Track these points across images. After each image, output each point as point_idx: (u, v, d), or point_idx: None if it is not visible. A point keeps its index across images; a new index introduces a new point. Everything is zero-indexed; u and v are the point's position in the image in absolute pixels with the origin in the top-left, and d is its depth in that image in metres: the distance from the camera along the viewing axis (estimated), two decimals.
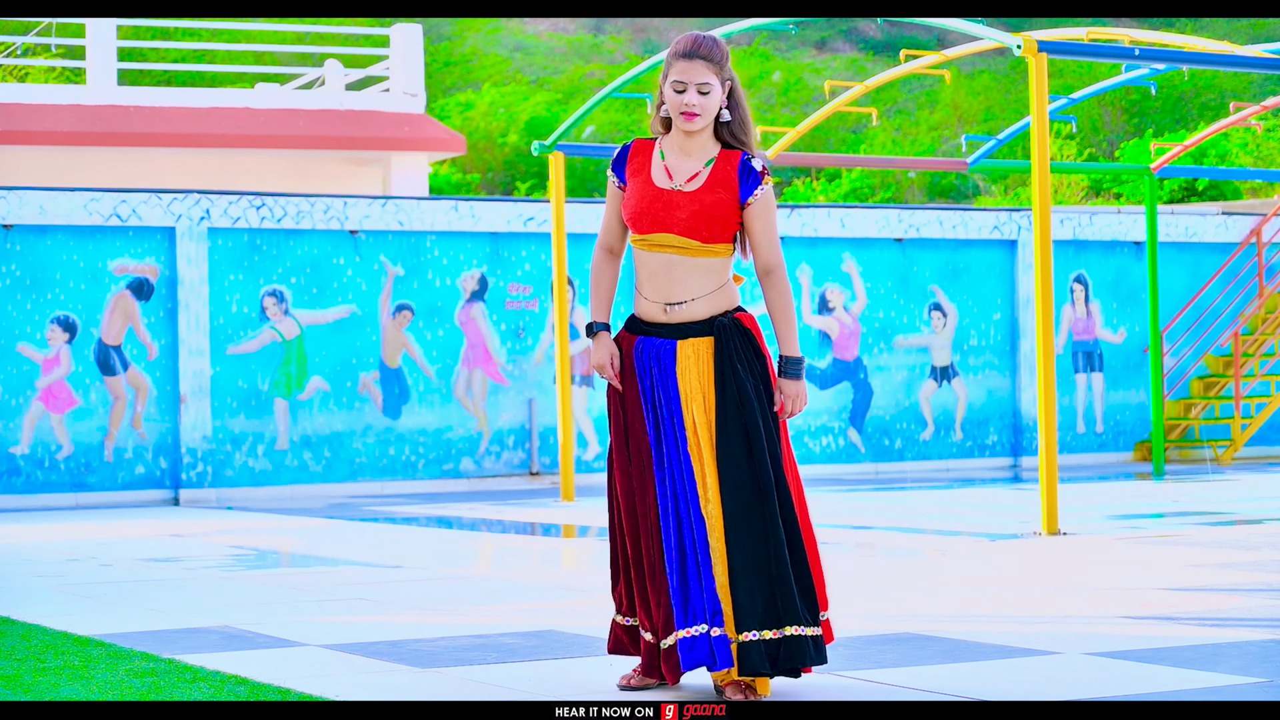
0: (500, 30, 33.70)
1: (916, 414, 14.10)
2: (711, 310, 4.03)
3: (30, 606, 6.11)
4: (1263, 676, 4.28)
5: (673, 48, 4.08)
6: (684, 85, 4.00)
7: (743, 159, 4.05)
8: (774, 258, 4.06)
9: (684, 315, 4.03)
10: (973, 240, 14.23)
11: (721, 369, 4.01)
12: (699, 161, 4.06)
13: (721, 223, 4.02)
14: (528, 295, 13.03)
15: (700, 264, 4.03)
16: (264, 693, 4.23)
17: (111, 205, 11.90)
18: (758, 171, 4.04)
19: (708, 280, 4.03)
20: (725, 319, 4.03)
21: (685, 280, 4.03)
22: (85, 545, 8.72)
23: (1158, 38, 10.61)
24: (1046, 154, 8.29)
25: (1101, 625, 5.20)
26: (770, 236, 4.05)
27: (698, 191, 4.03)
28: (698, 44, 4.03)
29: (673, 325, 4.05)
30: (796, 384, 4.04)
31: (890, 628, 5.22)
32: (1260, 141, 22.44)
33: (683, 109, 4.01)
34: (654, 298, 4.06)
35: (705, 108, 4.01)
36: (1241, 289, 14.90)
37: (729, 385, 4.00)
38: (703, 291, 4.03)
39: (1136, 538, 7.94)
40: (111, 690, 4.32)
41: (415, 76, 16.99)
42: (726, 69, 4.04)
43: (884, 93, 27.03)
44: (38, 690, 4.34)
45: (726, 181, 4.03)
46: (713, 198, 4.02)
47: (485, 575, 7.34)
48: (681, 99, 4.01)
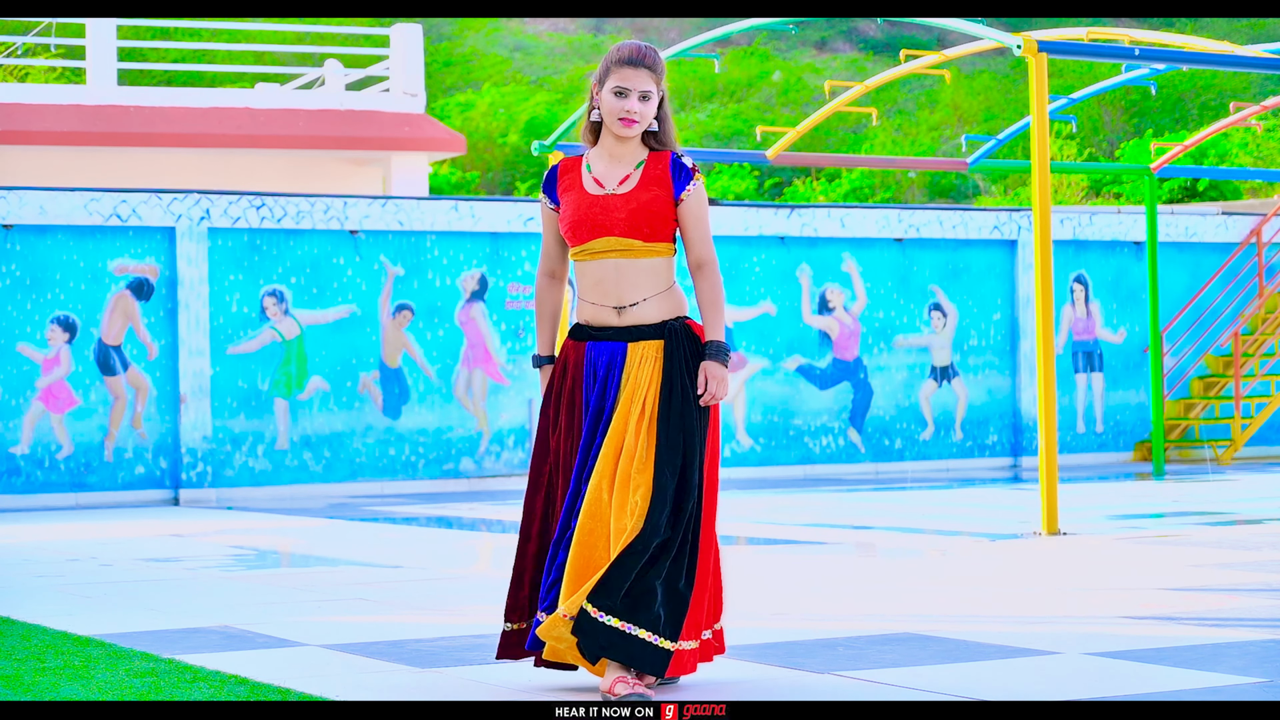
0: (500, 30, 33.72)
1: (917, 414, 14.11)
2: (662, 313, 4.08)
3: (30, 606, 6.12)
4: (1263, 676, 4.29)
5: (614, 54, 4.12)
6: (627, 91, 4.05)
7: (673, 158, 4.12)
8: (706, 252, 4.12)
9: (635, 317, 4.08)
10: (973, 240, 14.24)
11: (669, 373, 4.04)
12: (629, 165, 4.12)
13: (660, 219, 4.07)
14: (528, 295, 13.05)
15: (645, 265, 4.08)
16: (264, 693, 4.23)
17: (111, 205, 11.91)
18: (689, 168, 4.10)
19: (655, 281, 4.09)
20: (677, 324, 4.09)
21: (635, 281, 4.08)
22: (85, 545, 8.74)
23: (1158, 38, 10.62)
24: (1046, 154, 8.31)
25: (1101, 625, 5.21)
26: (703, 232, 4.11)
27: (633, 191, 4.08)
28: (643, 53, 4.09)
29: (623, 328, 4.08)
30: (719, 367, 4.06)
31: (890, 628, 5.23)
32: (1260, 141, 22.45)
33: (622, 114, 4.06)
34: (603, 301, 4.10)
35: (644, 115, 4.07)
36: (1241, 289, 14.92)
37: (675, 391, 4.03)
38: (653, 291, 4.08)
39: (1136, 538, 7.96)
40: (111, 690, 4.32)
41: (415, 76, 17.01)
42: (663, 81, 4.12)
43: (884, 93, 27.04)
44: (38, 690, 4.34)
45: (660, 179, 4.08)
46: (648, 195, 4.07)
47: (485, 575, 7.35)
48: (622, 104, 4.05)
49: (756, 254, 13.62)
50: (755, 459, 13.53)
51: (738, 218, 13.60)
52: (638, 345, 4.07)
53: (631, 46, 4.12)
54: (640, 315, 4.07)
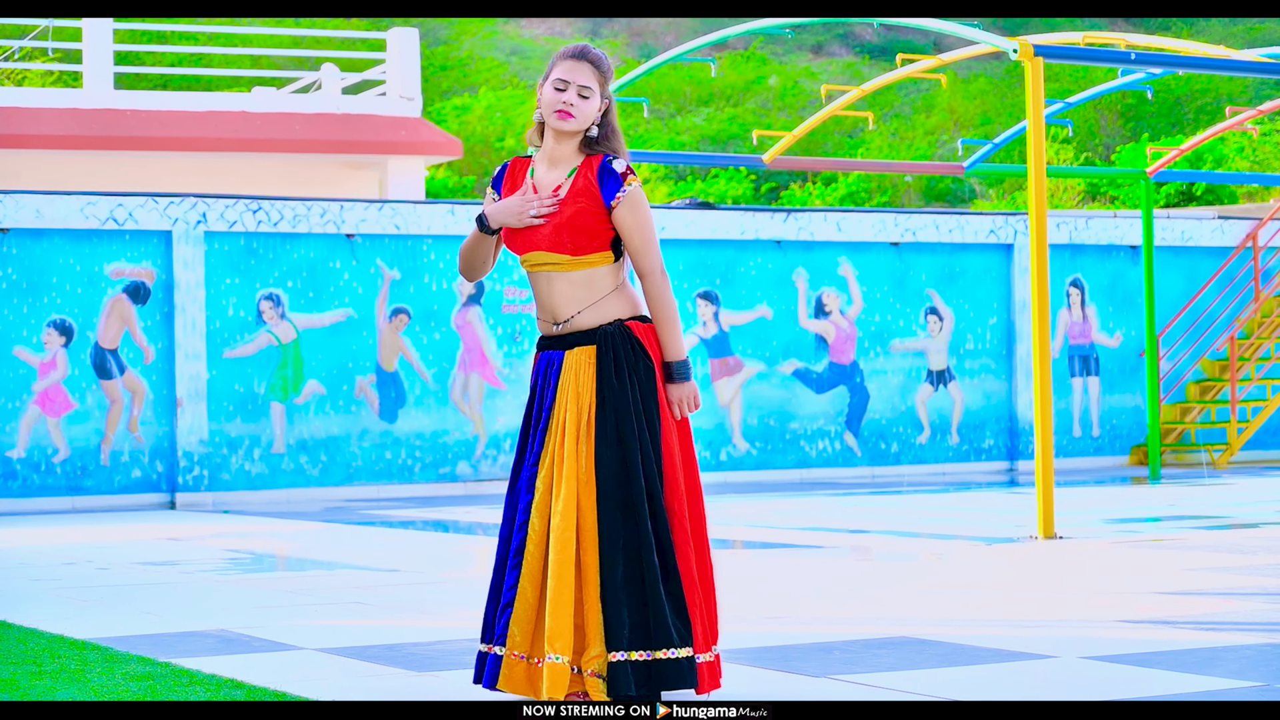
0: (496, 34, 33.73)
1: (913, 418, 14.13)
2: (597, 320, 3.99)
3: (27, 610, 6.12)
4: (1259, 680, 4.29)
5: (560, 51, 4.07)
6: (565, 84, 3.96)
7: (603, 161, 3.98)
8: (645, 262, 3.98)
9: (570, 329, 4.00)
10: (969, 244, 14.26)
11: (602, 377, 3.96)
12: (563, 173, 4.02)
13: (587, 232, 3.96)
14: (524, 299, 13.06)
15: (577, 277, 3.99)
16: (260, 696, 4.25)
17: (108, 209, 11.92)
18: (619, 173, 3.96)
19: (589, 292, 3.99)
20: (611, 327, 3.98)
21: (566, 294, 3.99)
22: (82, 549, 8.74)
23: (1154, 42, 10.65)
24: (1043, 158, 8.31)
25: (1097, 629, 5.22)
26: (640, 239, 3.96)
27: (561, 203, 3.98)
28: (587, 50, 4.02)
29: (560, 336, 4.02)
30: (683, 386, 3.98)
31: (886, 631, 5.24)
32: (1256, 146, 22.48)
33: (559, 106, 3.96)
34: (543, 315, 4.07)
35: (581, 111, 3.96)
36: (1237, 293, 14.93)
37: (608, 395, 3.95)
38: (587, 303, 3.99)
39: (1133, 542, 7.97)
40: (108, 693, 4.33)
41: (411, 80, 17.02)
42: (608, 87, 4.02)
43: (880, 97, 27.07)
44: (35, 693, 4.35)
45: (588, 189, 3.97)
46: (574, 208, 3.96)
47: (481, 579, 7.31)
48: (560, 96, 3.96)
49: (753, 258, 13.64)
50: (751, 462, 13.54)
51: (734, 221, 13.61)
52: (573, 352, 3.99)
53: (577, 45, 4.06)
54: (574, 326, 4.00)
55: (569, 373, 3.99)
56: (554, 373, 4.01)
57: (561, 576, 3.87)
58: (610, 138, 4.02)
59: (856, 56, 34.70)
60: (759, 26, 10.41)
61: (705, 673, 3.92)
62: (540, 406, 4.02)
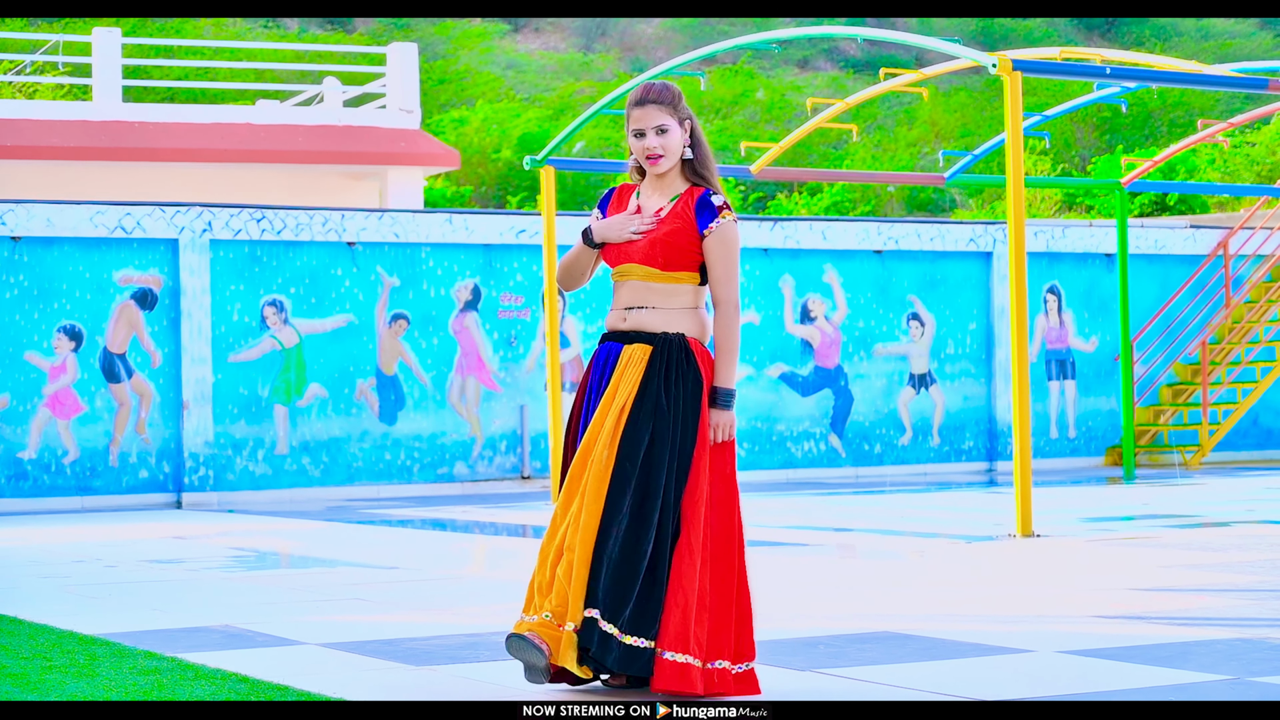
0: (493, 49, 33.97)
1: (895, 420, 14.30)
2: (663, 327, 4.14)
3: (37, 607, 6.12)
4: (1229, 674, 4.30)
5: (629, 99, 4.23)
6: (642, 130, 4.16)
7: (703, 194, 4.17)
8: (724, 292, 4.14)
9: (637, 321, 4.15)
10: (950, 252, 14.42)
11: (649, 375, 4.09)
12: (666, 198, 4.21)
13: (678, 250, 4.14)
14: (520, 305, 13.19)
15: (664, 288, 4.16)
16: (263, 690, 4.24)
17: (116, 218, 12.09)
18: (715, 206, 4.15)
19: (669, 298, 4.15)
20: (673, 336, 4.12)
21: (647, 293, 4.16)
22: (91, 547, 8.76)
23: (1128, 57, 10.89)
24: (1021, 169, 8.40)
25: (1074, 624, 5.24)
26: (724, 269, 4.14)
27: (660, 222, 4.17)
28: (648, 90, 4.18)
29: (625, 331, 4.17)
30: (723, 414, 4.09)
31: (869, 626, 5.27)
32: (1227, 157, 22.68)
33: (646, 153, 4.16)
34: (618, 307, 4.21)
35: (667, 148, 4.15)
36: (1209, 300, 15.09)
37: (650, 391, 4.07)
38: (660, 303, 4.14)
39: (1108, 540, 8.01)
40: (116, 688, 4.31)
41: (411, 93, 17.17)
42: (681, 108, 4.19)
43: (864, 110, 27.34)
44: (44, 688, 4.33)
45: (684, 214, 4.16)
46: (670, 227, 4.15)
47: (479, 576, 7.41)
48: (643, 144, 4.16)
49: (741, 265, 13.86)
50: (739, 463, 13.74)
51: None
52: (630, 347, 4.13)
53: (641, 87, 4.21)
54: (641, 320, 4.15)
55: (622, 363, 4.14)
56: (610, 363, 4.16)
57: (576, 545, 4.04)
58: (704, 163, 4.19)
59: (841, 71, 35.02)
60: (747, 42, 10.55)
61: (673, 672, 3.97)
62: (590, 396, 4.17)
